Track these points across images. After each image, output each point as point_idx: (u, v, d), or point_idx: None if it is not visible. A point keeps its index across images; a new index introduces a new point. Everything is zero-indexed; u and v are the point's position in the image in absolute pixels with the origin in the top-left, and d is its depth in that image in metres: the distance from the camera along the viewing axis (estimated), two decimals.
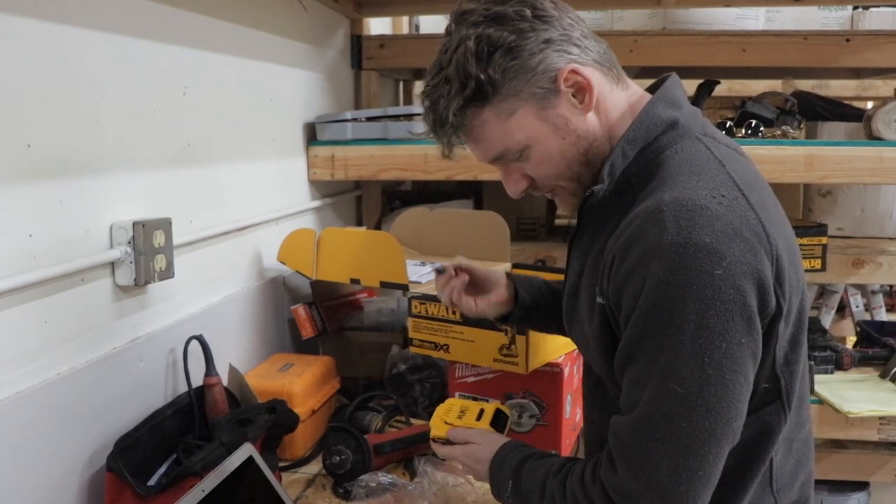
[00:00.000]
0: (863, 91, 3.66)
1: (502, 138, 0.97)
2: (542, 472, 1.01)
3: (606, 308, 0.92)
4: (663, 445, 0.84)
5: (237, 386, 1.48)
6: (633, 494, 0.86)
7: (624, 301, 0.87)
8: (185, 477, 1.16)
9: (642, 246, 0.84)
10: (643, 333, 0.85)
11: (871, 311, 2.90)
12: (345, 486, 1.37)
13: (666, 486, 0.84)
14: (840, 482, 2.24)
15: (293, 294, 1.91)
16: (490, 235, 1.90)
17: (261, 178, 1.81)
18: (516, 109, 0.94)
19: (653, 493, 0.85)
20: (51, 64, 1.10)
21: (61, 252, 1.13)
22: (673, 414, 0.83)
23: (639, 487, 0.85)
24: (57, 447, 1.12)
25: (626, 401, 0.88)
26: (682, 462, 0.83)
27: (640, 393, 0.86)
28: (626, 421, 0.87)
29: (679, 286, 0.81)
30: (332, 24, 2.26)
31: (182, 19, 1.43)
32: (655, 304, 0.82)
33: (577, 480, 0.94)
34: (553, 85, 0.94)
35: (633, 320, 0.85)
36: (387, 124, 2.08)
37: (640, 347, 0.85)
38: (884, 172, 1.94)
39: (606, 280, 0.90)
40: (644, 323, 0.84)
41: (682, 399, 0.82)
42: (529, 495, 1.01)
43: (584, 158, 0.97)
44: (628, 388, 0.88)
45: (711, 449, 0.84)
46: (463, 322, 1.53)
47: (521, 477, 1.03)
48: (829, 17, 2.59)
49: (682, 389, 0.82)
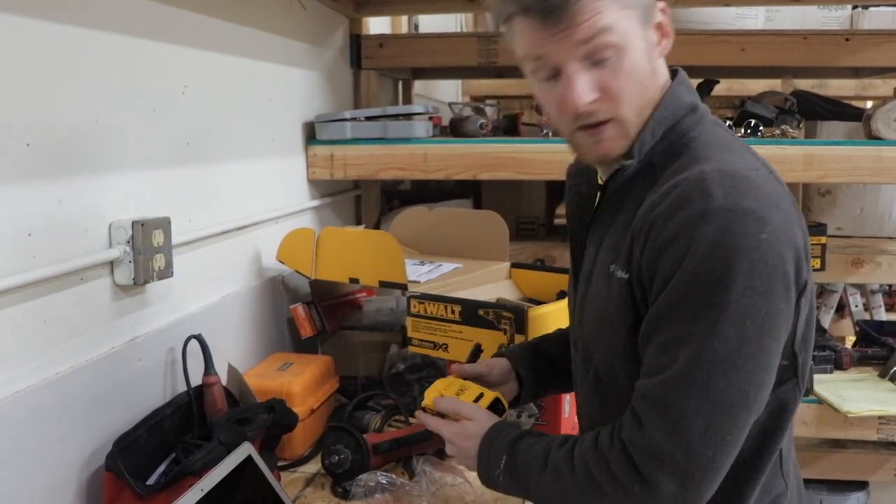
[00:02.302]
0: (862, 90, 3.66)
1: (607, 27, 0.89)
2: (541, 446, 0.98)
3: (631, 281, 0.91)
4: (699, 405, 0.84)
5: (236, 385, 1.48)
6: (660, 455, 0.85)
7: (662, 267, 0.86)
8: (184, 476, 1.16)
9: (687, 212, 0.85)
10: (686, 294, 0.84)
11: (871, 311, 2.90)
12: (343, 485, 1.36)
13: (695, 448, 0.84)
14: (839, 482, 2.24)
15: (292, 293, 1.91)
16: (489, 235, 1.90)
17: (260, 177, 1.81)
18: (630, 7, 0.91)
19: (681, 455, 0.84)
20: (50, 63, 1.10)
21: (60, 251, 1.13)
22: (712, 372, 0.83)
23: (668, 448, 0.84)
24: (56, 446, 1.12)
25: (654, 365, 0.88)
26: (715, 424, 0.84)
27: (675, 354, 0.85)
28: (660, 381, 0.86)
29: (728, 248, 0.82)
30: (331, 24, 2.26)
31: (181, 18, 1.43)
32: (703, 264, 0.83)
33: (589, 447, 0.92)
34: (653, 10, 0.93)
35: (674, 284, 0.85)
36: (386, 124, 2.08)
37: (680, 309, 0.85)
38: (883, 172, 1.94)
39: (639, 250, 0.89)
40: (688, 284, 0.84)
41: (722, 358, 0.83)
42: (526, 470, 0.98)
43: (644, 101, 0.95)
44: (659, 351, 0.87)
45: (742, 414, 0.85)
46: (462, 321, 1.53)
47: (517, 452, 0.99)
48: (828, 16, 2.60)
49: (724, 348, 0.83)
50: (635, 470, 0.86)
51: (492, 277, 1.80)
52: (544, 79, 0.94)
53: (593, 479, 0.90)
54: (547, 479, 0.95)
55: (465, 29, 4.05)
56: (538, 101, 1.02)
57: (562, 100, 0.92)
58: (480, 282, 1.76)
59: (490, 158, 2.05)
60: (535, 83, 0.97)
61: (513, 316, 1.49)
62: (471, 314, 1.53)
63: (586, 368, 1.06)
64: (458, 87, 4.10)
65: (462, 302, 1.55)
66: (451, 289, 1.66)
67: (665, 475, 0.84)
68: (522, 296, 1.79)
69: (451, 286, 1.68)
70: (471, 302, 1.54)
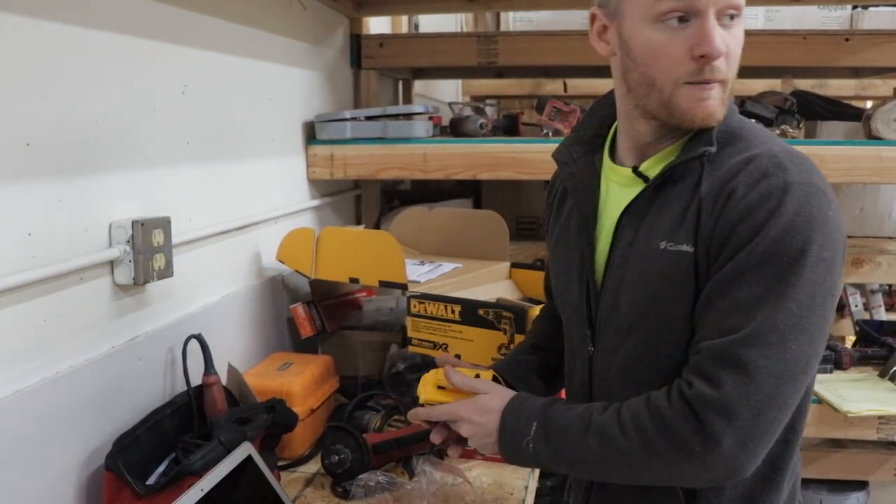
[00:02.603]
0: (862, 90, 3.66)
1: None
2: (577, 411, 0.97)
3: (696, 253, 0.92)
4: (771, 364, 0.85)
5: (236, 385, 1.48)
6: (730, 412, 0.85)
7: (738, 233, 0.89)
8: (184, 476, 1.16)
9: (769, 182, 0.89)
10: (765, 259, 0.87)
11: (871, 311, 2.90)
12: (343, 485, 1.37)
13: (762, 408, 0.85)
14: (839, 481, 2.24)
15: (292, 293, 1.91)
16: (489, 235, 1.90)
17: (260, 177, 1.81)
18: None
19: (748, 414, 0.85)
20: (49, 62, 1.10)
21: (60, 251, 1.13)
22: (786, 334, 0.86)
23: (739, 406, 0.85)
24: (55, 446, 1.12)
25: (723, 325, 0.88)
26: (782, 386, 0.86)
27: (749, 315, 0.87)
28: (733, 340, 0.87)
29: (808, 218, 0.87)
30: (331, 23, 2.26)
31: (181, 18, 1.43)
32: (786, 232, 0.87)
33: (642, 408, 0.92)
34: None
35: (751, 248, 0.88)
36: (386, 123, 2.08)
37: (756, 272, 0.87)
38: (883, 172, 1.94)
39: (713, 219, 0.91)
40: (768, 249, 0.87)
41: (796, 320, 0.86)
42: (563, 435, 0.96)
43: None
44: (729, 312, 0.88)
45: (803, 379, 0.88)
46: (462, 321, 1.53)
47: (550, 418, 0.97)
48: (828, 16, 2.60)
49: (798, 313, 0.86)
50: (701, 428, 0.86)
51: (492, 277, 1.81)
52: (675, 21, 0.91)
53: (648, 438, 0.89)
54: (591, 441, 0.94)
55: (465, 29, 4.05)
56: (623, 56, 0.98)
57: (693, 44, 0.90)
58: (480, 282, 1.76)
59: (490, 158, 2.05)
60: (651, 28, 0.92)
61: (513, 316, 1.49)
62: (471, 314, 1.53)
63: (612, 356, 1.04)
64: (458, 87, 4.10)
65: (462, 302, 1.55)
66: (450, 289, 1.66)
67: (729, 434, 0.85)
68: (522, 296, 1.79)
69: (450, 286, 1.68)
70: (471, 302, 1.54)
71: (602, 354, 1.07)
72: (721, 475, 0.88)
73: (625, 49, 0.97)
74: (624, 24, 0.95)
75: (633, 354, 1.02)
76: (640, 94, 0.97)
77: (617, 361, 1.04)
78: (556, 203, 1.20)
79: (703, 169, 0.96)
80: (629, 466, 0.92)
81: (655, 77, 0.94)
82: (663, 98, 0.95)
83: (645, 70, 0.95)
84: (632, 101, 1.00)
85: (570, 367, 1.15)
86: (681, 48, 0.91)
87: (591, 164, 1.10)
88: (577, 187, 1.09)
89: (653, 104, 0.97)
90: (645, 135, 1.02)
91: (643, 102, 0.98)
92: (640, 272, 0.99)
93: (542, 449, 0.97)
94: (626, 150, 1.06)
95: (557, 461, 0.97)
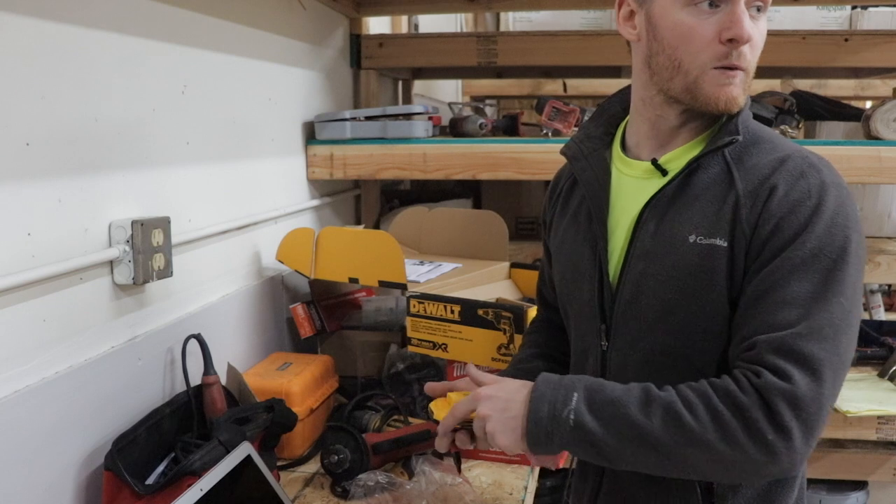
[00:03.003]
0: (861, 91, 3.66)
1: None
2: (623, 386, 0.92)
3: (733, 248, 0.93)
4: (829, 358, 0.87)
5: (235, 385, 1.48)
6: (801, 405, 0.85)
7: (784, 227, 0.91)
8: (184, 476, 1.16)
9: (807, 182, 0.92)
10: (815, 253, 0.89)
11: (870, 311, 2.90)
12: (343, 485, 1.37)
13: (823, 402, 0.86)
14: (838, 481, 2.24)
15: (292, 293, 1.91)
16: (489, 235, 1.90)
17: (259, 176, 1.81)
18: None
19: (814, 408, 0.85)
20: (49, 62, 1.10)
21: (60, 251, 1.13)
22: (839, 328, 0.88)
23: (806, 398, 0.85)
24: (55, 446, 1.12)
25: (779, 318, 0.89)
26: (836, 379, 0.88)
27: (802, 310, 0.88)
28: (794, 333, 0.87)
29: (846, 216, 0.91)
30: (331, 23, 2.26)
31: (181, 18, 1.43)
32: (829, 229, 0.90)
33: (709, 390, 0.89)
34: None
35: (799, 244, 0.90)
36: (385, 123, 2.08)
37: (807, 267, 0.89)
38: (882, 172, 1.94)
39: (754, 215, 0.93)
40: (817, 245, 0.89)
41: (845, 314, 0.89)
42: (614, 407, 0.89)
43: None
44: (784, 305, 0.89)
45: (845, 374, 0.90)
46: (461, 321, 1.53)
47: (594, 388, 0.92)
48: (827, 16, 2.59)
49: (846, 307, 0.89)
50: (773, 417, 0.85)
51: (491, 277, 1.81)
52: (707, 5, 0.93)
53: (723, 420, 0.86)
54: (653, 416, 0.88)
55: (464, 29, 4.05)
56: (650, 40, 0.99)
57: (723, 28, 0.93)
58: (480, 282, 1.76)
59: (490, 158, 2.05)
60: (682, 11, 0.94)
61: (512, 316, 1.49)
62: (470, 314, 1.53)
63: (630, 350, 1.03)
64: (457, 87, 4.10)
65: (461, 302, 1.55)
66: (450, 289, 1.66)
67: (797, 426, 0.85)
68: (522, 296, 1.79)
69: (450, 286, 1.68)
70: (470, 302, 1.54)
71: (618, 349, 1.05)
72: (784, 468, 0.86)
73: (652, 32, 0.98)
74: (654, 7, 0.98)
75: (656, 348, 1.00)
76: (665, 77, 0.99)
77: (637, 356, 1.02)
78: (560, 200, 1.19)
79: (730, 165, 0.97)
80: (696, 447, 0.86)
81: (682, 59, 0.96)
82: (688, 81, 0.96)
83: (672, 53, 0.97)
84: (655, 86, 1.01)
85: (580, 364, 1.13)
86: (710, 32, 0.93)
87: (602, 159, 1.10)
88: (591, 180, 1.09)
89: (677, 87, 0.98)
90: (667, 121, 1.03)
91: (667, 86, 0.99)
92: (667, 265, 0.98)
93: (586, 421, 0.89)
94: (643, 142, 1.07)
95: (606, 435, 0.89)
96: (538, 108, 2.14)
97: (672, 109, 1.01)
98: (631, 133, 1.09)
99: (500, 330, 1.48)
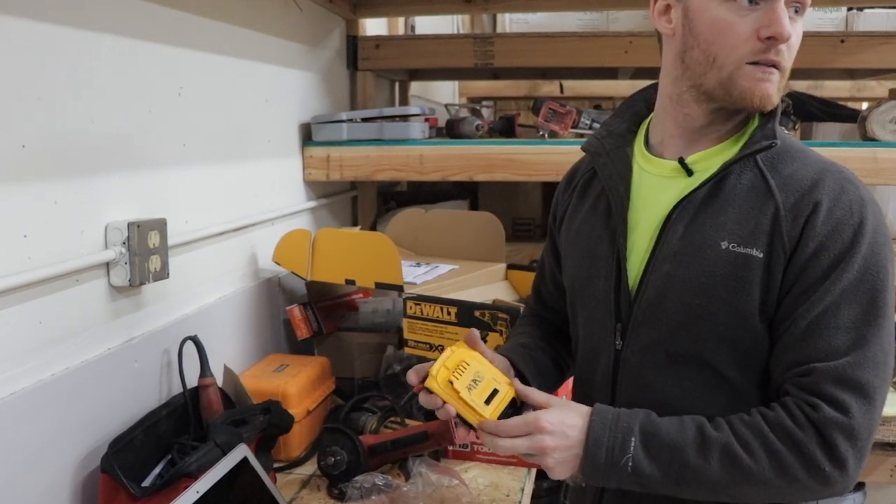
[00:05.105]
0: (857, 92, 3.67)
1: None
2: (676, 424, 0.93)
3: (770, 261, 0.93)
4: (882, 385, 0.89)
5: (232, 387, 1.48)
6: (857, 436, 0.87)
7: (829, 246, 0.91)
8: (180, 478, 1.16)
9: (848, 198, 0.92)
10: (860, 277, 0.90)
11: None
12: (340, 486, 1.36)
13: (873, 427, 0.88)
14: None
15: (288, 295, 1.91)
16: (485, 236, 1.90)
17: (256, 178, 1.80)
18: None
19: (866, 434, 0.88)
20: (45, 64, 1.09)
21: (56, 252, 1.13)
22: (888, 354, 0.90)
23: (861, 427, 0.87)
24: (51, 448, 1.12)
25: (835, 345, 0.89)
26: (884, 398, 0.89)
27: (856, 335, 0.89)
28: (851, 363, 0.88)
29: (882, 234, 0.93)
30: (327, 25, 2.26)
31: (177, 19, 1.43)
32: (871, 249, 0.91)
33: (764, 427, 0.90)
34: None
35: (846, 265, 0.90)
36: (382, 125, 2.08)
37: (854, 291, 0.90)
38: (878, 173, 1.94)
39: (797, 229, 0.92)
40: (861, 267, 0.90)
41: (890, 334, 0.90)
42: (671, 452, 0.91)
43: None
44: (835, 332, 0.90)
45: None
46: (458, 323, 1.53)
47: (649, 432, 0.92)
48: (823, 18, 2.60)
49: (889, 326, 0.90)
50: (829, 450, 0.87)
51: (488, 279, 1.81)
52: (746, 1, 0.92)
53: (781, 460, 0.88)
54: (712, 461, 0.90)
55: (461, 30, 4.05)
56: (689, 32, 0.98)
57: (762, 25, 0.92)
58: (476, 283, 1.77)
59: (486, 160, 2.05)
60: (720, 6, 0.94)
61: (509, 317, 1.49)
62: (467, 315, 1.53)
63: (649, 353, 1.01)
64: (454, 89, 4.11)
65: (458, 303, 1.55)
66: (447, 290, 1.66)
67: (852, 454, 0.88)
68: (518, 297, 1.79)
69: (447, 287, 1.68)
70: (467, 303, 1.55)
71: (635, 350, 1.02)
72: (837, 492, 0.90)
73: (688, 27, 0.97)
74: (692, 1, 0.97)
75: (678, 352, 0.99)
76: (699, 72, 0.97)
77: (656, 358, 1.01)
78: (577, 192, 1.16)
79: (764, 172, 0.96)
80: (753, 484, 0.90)
81: (717, 54, 0.95)
82: (722, 76, 0.95)
83: (707, 47, 0.95)
84: (687, 81, 1.00)
85: (589, 361, 1.11)
86: (748, 28, 0.93)
87: (624, 156, 1.08)
88: (612, 175, 1.07)
89: (710, 83, 0.96)
90: (696, 119, 1.01)
91: (700, 81, 0.98)
92: (696, 271, 0.97)
93: (644, 467, 0.91)
94: (667, 141, 1.05)
95: (664, 479, 0.91)
96: (535, 110, 2.15)
97: (701, 108, 1.00)
98: (655, 131, 1.08)
99: (497, 331, 1.48)
